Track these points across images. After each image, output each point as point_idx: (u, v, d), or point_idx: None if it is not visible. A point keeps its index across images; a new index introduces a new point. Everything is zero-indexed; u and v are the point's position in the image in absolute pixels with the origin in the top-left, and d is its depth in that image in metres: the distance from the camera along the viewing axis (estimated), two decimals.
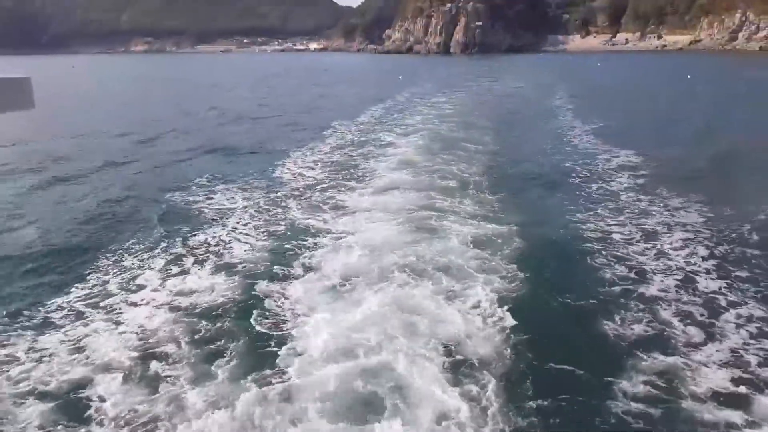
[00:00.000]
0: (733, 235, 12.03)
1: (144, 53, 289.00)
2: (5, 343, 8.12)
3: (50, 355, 7.80)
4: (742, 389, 6.71)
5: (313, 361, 7.53)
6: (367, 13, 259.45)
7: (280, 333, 8.37)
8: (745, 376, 6.98)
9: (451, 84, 58.22)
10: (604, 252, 11.38)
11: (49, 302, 9.45)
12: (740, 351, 7.59)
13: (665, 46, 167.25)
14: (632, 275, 10.19)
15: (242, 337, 8.24)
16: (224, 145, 25.23)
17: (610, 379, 7.03)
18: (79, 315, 9.02)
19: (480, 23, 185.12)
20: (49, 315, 9.05)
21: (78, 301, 9.53)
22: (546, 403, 6.59)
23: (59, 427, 6.39)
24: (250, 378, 7.22)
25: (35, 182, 18.47)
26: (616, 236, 12.36)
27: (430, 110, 35.72)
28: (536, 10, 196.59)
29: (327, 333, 8.16)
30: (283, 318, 8.80)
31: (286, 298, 9.44)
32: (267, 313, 8.95)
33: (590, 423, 6.33)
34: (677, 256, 11.06)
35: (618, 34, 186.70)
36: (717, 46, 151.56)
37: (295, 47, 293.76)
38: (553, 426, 6.28)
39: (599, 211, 14.19)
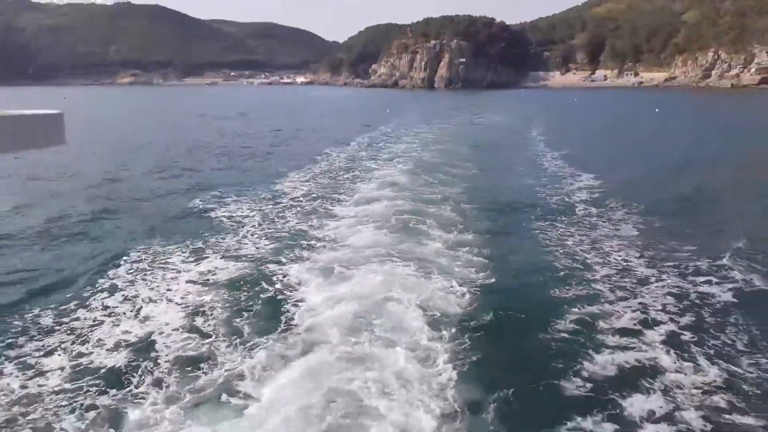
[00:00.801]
0: (659, 240, 14.58)
1: (130, 85, 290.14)
2: (86, 306, 10.40)
3: (118, 318, 10.08)
4: (638, 326, 9.30)
5: (317, 313, 9.97)
6: (353, 48, 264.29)
7: (289, 295, 10.93)
8: (643, 317, 9.62)
9: (434, 116, 61.17)
10: (557, 249, 13.87)
11: (110, 280, 11.85)
12: (647, 306, 10.20)
13: (642, 82, 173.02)
14: (577, 264, 12.72)
15: (259, 300, 10.72)
16: (230, 165, 28.00)
17: (549, 319, 9.61)
18: (132, 285, 11.42)
19: (463, 60, 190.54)
20: (113, 287, 11.47)
21: (129, 273, 12.06)
22: (496, 339, 9.03)
23: (132, 370, 8.44)
24: (269, 327, 9.60)
25: (68, 195, 20.97)
26: (569, 241, 14.78)
27: (414, 138, 38.55)
28: (518, 48, 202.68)
29: (326, 294, 10.67)
30: (290, 287, 11.31)
31: (290, 276, 11.94)
32: (276, 285, 11.43)
33: (529, 350, 8.77)
34: (613, 252, 13.56)
35: (597, 71, 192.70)
36: (691, 83, 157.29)
37: (282, 80, 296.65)
38: (498, 354, 8.68)
39: (556, 222, 16.73)
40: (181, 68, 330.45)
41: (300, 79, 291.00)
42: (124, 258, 13.13)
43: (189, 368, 8.41)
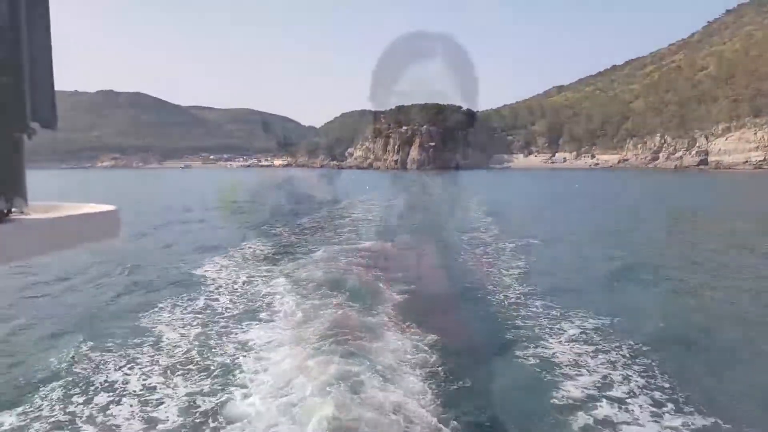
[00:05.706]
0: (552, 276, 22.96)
1: (110, 168, 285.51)
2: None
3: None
4: (554, 335, 17.62)
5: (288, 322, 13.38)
6: (330, 132, 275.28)
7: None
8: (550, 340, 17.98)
9: (403, 191, 71.45)
10: (474, 277, 20.60)
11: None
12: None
13: (598, 164, 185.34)
14: (479, 289, 17.24)
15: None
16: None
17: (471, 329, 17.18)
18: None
19: (433, 143, 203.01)
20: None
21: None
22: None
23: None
24: (254, 329, 13.68)
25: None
26: (490, 275, 22.64)
27: (381, 202, 49.15)
28: (483, 133, 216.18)
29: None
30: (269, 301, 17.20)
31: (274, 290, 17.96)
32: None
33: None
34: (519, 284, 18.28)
35: (557, 154, 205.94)
36: (641, 165, 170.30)
37: (260, 163, 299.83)
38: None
39: (470, 260, 24.26)
40: (161, 152, 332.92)
41: (278, 161, 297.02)
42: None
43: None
